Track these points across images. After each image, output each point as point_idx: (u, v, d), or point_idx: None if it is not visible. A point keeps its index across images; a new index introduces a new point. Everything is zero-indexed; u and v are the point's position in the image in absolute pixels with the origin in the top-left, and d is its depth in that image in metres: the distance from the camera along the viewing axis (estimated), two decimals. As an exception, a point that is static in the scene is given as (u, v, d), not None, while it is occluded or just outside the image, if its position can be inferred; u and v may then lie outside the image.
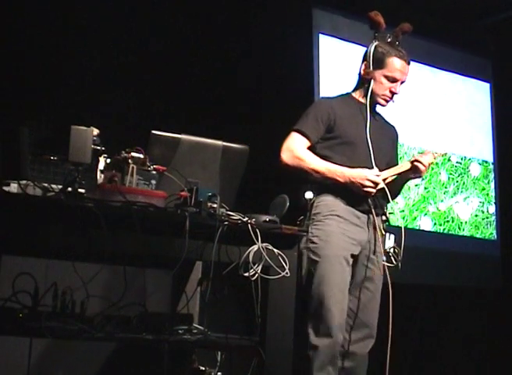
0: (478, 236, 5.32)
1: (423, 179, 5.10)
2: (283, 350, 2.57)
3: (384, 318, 3.13)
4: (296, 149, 3.04)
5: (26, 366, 3.11)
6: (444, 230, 5.15)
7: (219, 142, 2.65)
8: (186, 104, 4.29)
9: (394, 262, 3.13)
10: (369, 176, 3.01)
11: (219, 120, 4.20)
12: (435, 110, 5.27)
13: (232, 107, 4.37)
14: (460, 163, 5.34)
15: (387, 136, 3.29)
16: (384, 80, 3.16)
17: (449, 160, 5.27)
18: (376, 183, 3.01)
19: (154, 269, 3.04)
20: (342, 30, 4.84)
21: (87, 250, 2.24)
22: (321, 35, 4.78)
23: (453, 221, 5.20)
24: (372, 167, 3.07)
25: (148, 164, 2.43)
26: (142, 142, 2.50)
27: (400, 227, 3.20)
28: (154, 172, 2.44)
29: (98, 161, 2.41)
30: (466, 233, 5.26)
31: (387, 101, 3.20)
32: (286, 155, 3.04)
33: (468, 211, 5.29)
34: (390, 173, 3.10)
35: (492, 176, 5.50)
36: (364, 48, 3.25)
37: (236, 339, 2.61)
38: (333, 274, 2.94)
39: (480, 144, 5.48)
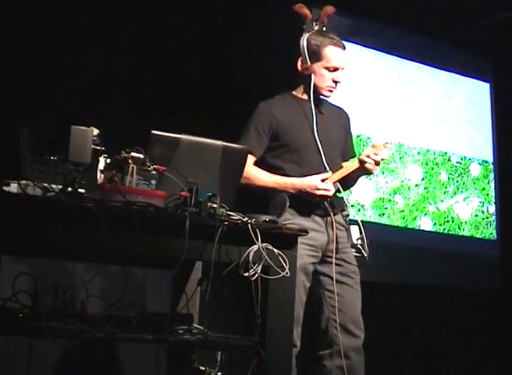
0: (478, 236, 5.32)
1: (423, 179, 5.10)
2: (283, 350, 2.56)
3: (381, 318, 3.14)
4: None
5: (26, 366, 3.10)
6: (444, 230, 5.15)
7: (219, 142, 2.65)
8: (186, 104, 4.29)
9: (364, 253, 3.14)
10: (319, 185, 3.01)
11: (219, 120, 4.20)
12: (436, 110, 5.27)
13: (232, 107, 4.36)
14: (460, 163, 5.34)
15: (336, 126, 3.24)
16: (325, 72, 3.11)
17: (449, 160, 5.28)
18: (327, 190, 3.01)
19: (154, 269, 3.04)
20: (342, 30, 4.83)
21: (87, 250, 2.23)
22: (321, 35, 4.77)
23: (453, 221, 5.21)
24: (325, 169, 3.06)
25: (148, 164, 2.43)
26: (142, 142, 2.50)
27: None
28: (154, 172, 2.44)
29: (98, 161, 2.41)
30: (466, 233, 5.26)
31: (331, 92, 3.16)
32: None
33: (468, 211, 5.29)
34: (340, 175, 3.08)
35: (492, 176, 5.50)
36: (365, 48, 3.25)
37: (236, 339, 2.61)
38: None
39: (480, 144, 5.49)
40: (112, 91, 4.04)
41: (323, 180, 3.03)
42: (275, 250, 2.47)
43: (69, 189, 2.25)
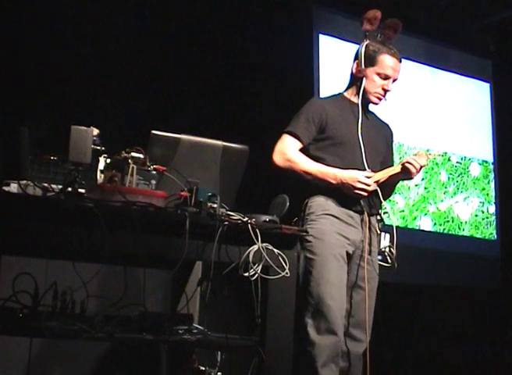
0: (478, 236, 5.32)
1: (423, 179, 5.10)
2: (283, 350, 2.57)
3: (381, 318, 3.14)
4: (287, 151, 3.06)
5: (26, 366, 3.10)
6: (444, 230, 5.15)
7: (219, 142, 2.65)
8: (186, 104, 4.29)
9: (389, 261, 3.14)
10: (360, 179, 3.02)
11: (219, 120, 4.20)
12: (435, 110, 5.27)
13: (232, 107, 4.37)
14: (460, 163, 5.34)
15: (380, 135, 3.28)
16: (376, 78, 3.15)
17: (449, 160, 5.27)
18: (367, 185, 3.02)
19: (154, 269, 3.04)
20: (342, 30, 4.84)
21: (86, 250, 2.23)
22: (321, 35, 4.78)
23: (453, 221, 5.20)
24: (364, 168, 3.08)
25: (148, 164, 2.43)
26: (142, 142, 2.50)
27: (396, 226, 3.20)
28: (154, 172, 2.44)
29: (98, 161, 2.41)
30: (466, 233, 5.26)
31: (380, 99, 3.20)
32: (277, 158, 3.06)
33: (468, 211, 5.29)
34: (382, 175, 3.09)
35: (492, 176, 5.50)
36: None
37: (236, 339, 2.61)
38: (329, 272, 2.95)
39: (480, 144, 5.48)
40: (111, 91, 4.04)
41: (367, 177, 3.04)
42: (275, 250, 2.47)
43: (69, 189, 2.26)
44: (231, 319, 2.60)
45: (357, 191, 3.02)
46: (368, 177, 3.04)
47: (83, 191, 2.29)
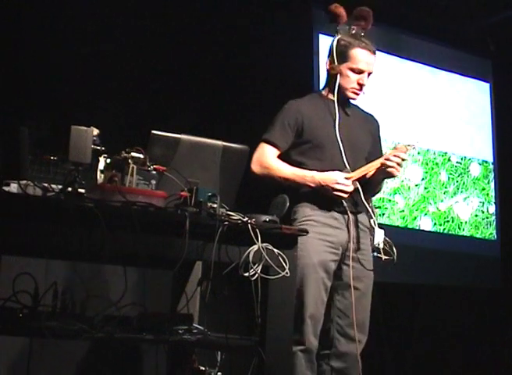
0: (478, 236, 5.32)
1: (423, 179, 5.10)
2: (283, 350, 2.56)
3: (381, 318, 3.13)
4: (264, 159, 3.07)
5: (26, 366, 3.11)
6: (444, 230, 5.15)
7: (219, 142, 2.65)
8: (186, 104, 4.29)
9: (385, 256, 3.11)
10: (339, 180, 3.00)
11: (219, 120, 4.20)
12: (436, 110, 5.27)
13: (233, 107, 4.37)
14: (460, 163, 5.34)
15: (364, 130, 3.23)
16: (350, 73, 3.11)
17: (449, 160, 5.28)
18: (346, 186, 3.00)
19: (154, 269, 3.04)
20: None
21: (87, 250, 2.23)
22: (321, 35, 4.78)
23: (453, 221, 5.20)
24: (345, 167, 3.05)
25: (148, 164, 2.43)
26: (142, 142, 2.50)
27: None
28: (154, 172, 2.44)
29: (98, 161, 2.41)
30: (466, 233, 5.26)
31: (357, 94, 3.15)
32: (255, 166, 3.07)
33: (468, 211, 5.29)
34: (360, 173, 3.06)
35: (492, 176, 5.50)
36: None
37: (236, 339, 2.61)
38: (308, 285, 2.95)
39: (480, 144, 5.48)
40: (111, 91, 4.04)
41: (345, 178, 3.03)
42: (275, 250, 2.47)
43: (69, 189, 2.25)
44: (231, 319, 2.59)
45: (336, 193, 3.01)
46: (348, 178, 3.02)
47: (83, 191, 2.28)
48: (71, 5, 3.97)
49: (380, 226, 3.15)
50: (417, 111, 5.17)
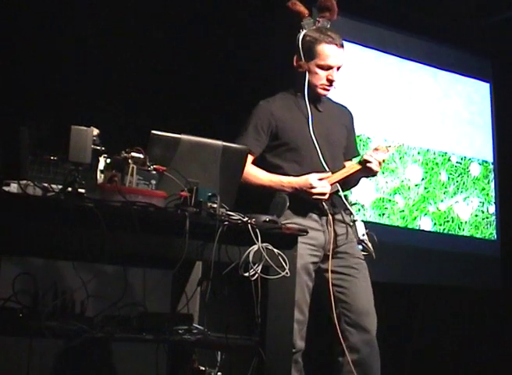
0: (478, 236, 5.32)
1: (423, 179, 5.10)
2: (283, 350, 2.56)
3: (381, 318, 3.13)
4: None
5: (26, 366, 3.11)
6: (444, 230, 5.15)
7: (219, 142, 2.65)
8: (186, 104, 4.29)
9: (369, 248, 3.10)
10: (314, 183, 2.98)
11: (219, 120, 4.20)
12: (435, 110, 5.27)
13: (233, 107, 4.36)
14: (460, 163, 5.34)
15: (339, 124, 3.20)
16: (319, 70, 3.07)
17: (449, 160, 5.28)
18: (324, 188, 2.99)
19: (154, 269, 3.04)
20: (342, 30, 4.83)
21: (87, 250, 2.23)
22: (321, 35, 4.77)
23: (453, 221, 5.20)
24: (325, 169, 3.04)
25: (148, 164, 2.43)
26: (142, 142, 2.50)
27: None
28: (154, 172, 2.43)
29: (98, 161, 2.41)
30: (466, 233, 5.26)
31: (327, 90, 3.12)
32: None
33: (468, 211, 5.29)
34: (341, 175, 3.05)
35: (492, 176, 5.50)
36: (365, 48, 3.23)
37: (236, 339, 2.61)
38: None
39: (480, 144, 5.49)
40: (111, 91, 4.04)
41: (321, 179, 3.01)
42: (275, 250, 2.47)
43: (69, 189, 2.25)
44: (231, 319, 2.59)
45: (314, 197, 3.00)
46: (324, 178, 3.00)
47: (83, 191, 2.28)
48: (71, 5, 3.97)
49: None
50: (417, 111, 5.17)
